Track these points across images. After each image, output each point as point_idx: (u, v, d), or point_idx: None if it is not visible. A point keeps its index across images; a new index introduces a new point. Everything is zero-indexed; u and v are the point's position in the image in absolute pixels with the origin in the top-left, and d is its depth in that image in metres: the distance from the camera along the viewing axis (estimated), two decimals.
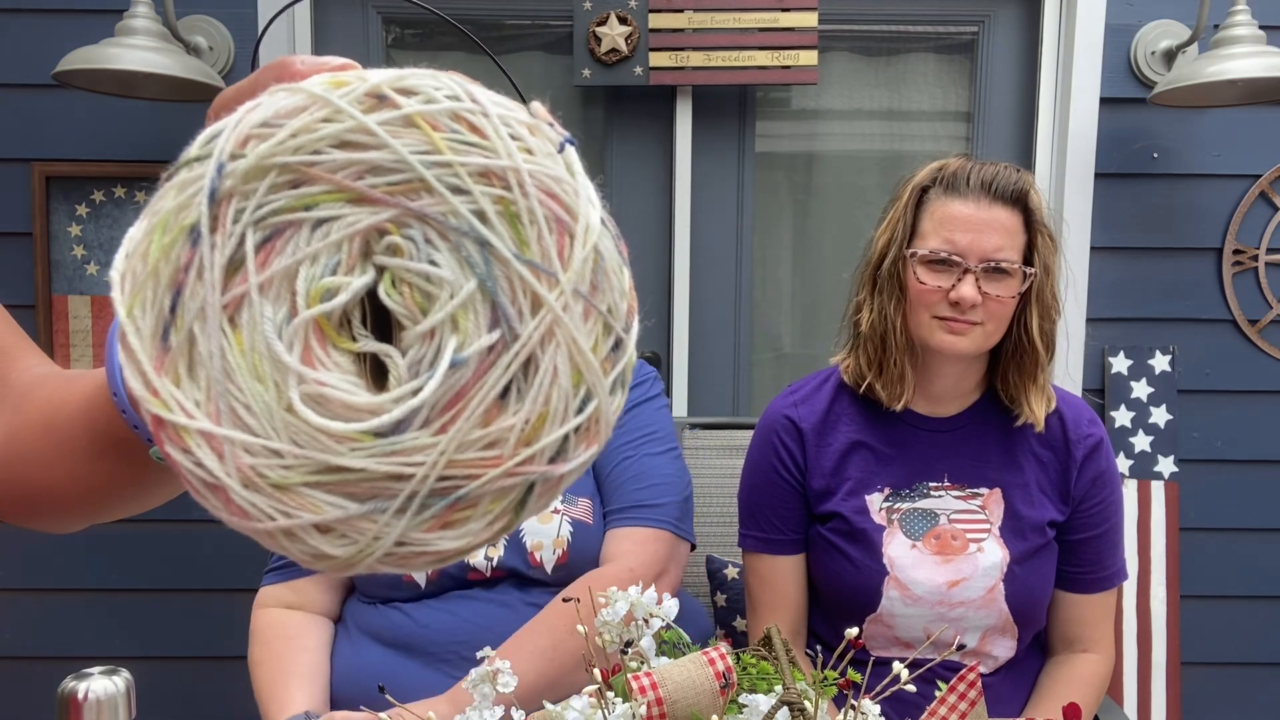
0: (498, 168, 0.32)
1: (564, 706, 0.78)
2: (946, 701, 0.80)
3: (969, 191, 1.15)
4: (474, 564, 1.25)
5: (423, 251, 0.31)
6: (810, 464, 1.25)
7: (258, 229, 0.31)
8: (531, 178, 0.32)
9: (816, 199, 2.19)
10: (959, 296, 1.13)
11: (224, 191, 0.32)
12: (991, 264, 1.13)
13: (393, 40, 2.13)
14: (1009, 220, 1.15)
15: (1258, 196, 2.05)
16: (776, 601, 1.28)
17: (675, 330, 2.10)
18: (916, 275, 1.16)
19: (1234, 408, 2.09)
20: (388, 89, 0.32)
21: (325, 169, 0.31)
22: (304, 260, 0.31)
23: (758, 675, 0.83)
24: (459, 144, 0.32)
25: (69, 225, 2.00)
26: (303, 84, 0.32)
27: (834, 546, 1.22)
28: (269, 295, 0.31)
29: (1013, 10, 2.11)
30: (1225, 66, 1.76)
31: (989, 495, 1.22)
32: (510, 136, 0.33)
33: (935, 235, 1.16)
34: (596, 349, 0.32)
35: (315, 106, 0.32)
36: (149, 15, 1.76)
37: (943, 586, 1.18)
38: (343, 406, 0.31)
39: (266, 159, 0.31)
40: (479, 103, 0.33)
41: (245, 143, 0.32)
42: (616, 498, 1.29)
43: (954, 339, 1.16)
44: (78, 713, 0.95)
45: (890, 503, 1.22)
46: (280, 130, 0.31)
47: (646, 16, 1.97)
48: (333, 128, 0.31)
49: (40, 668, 2.08)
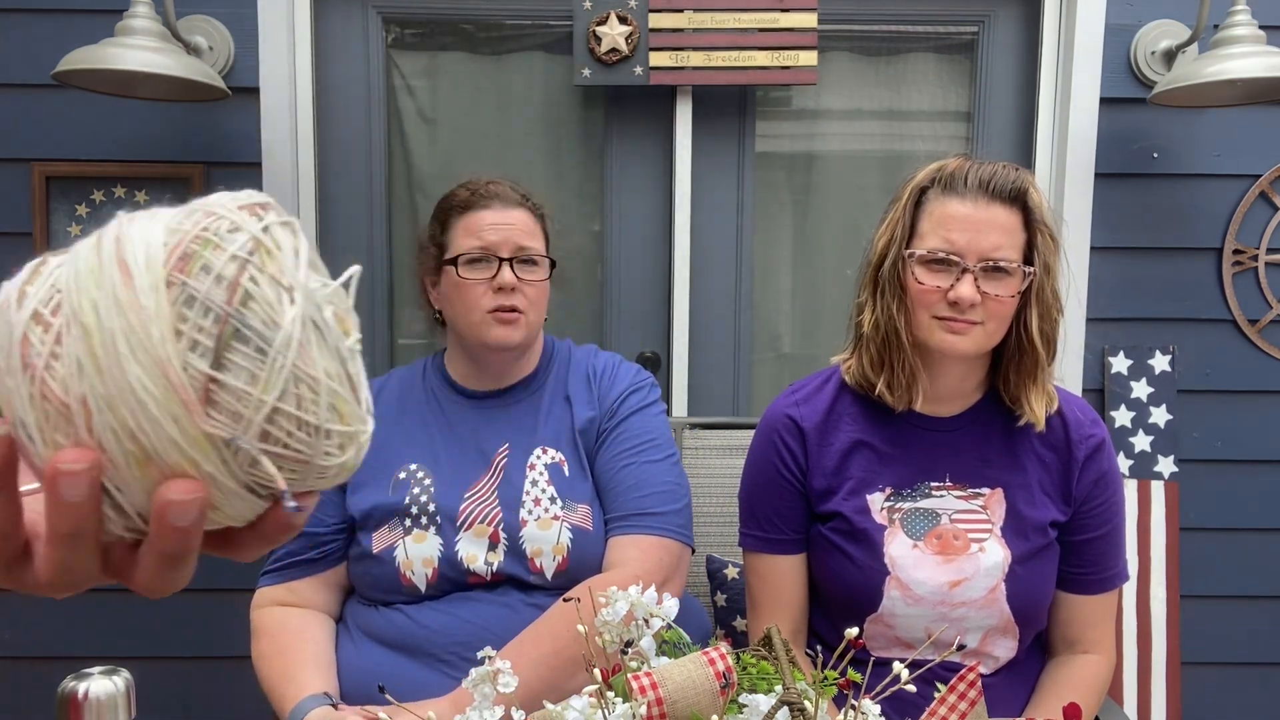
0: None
1: (564, 706, 0.78)
2: (946, 701, 0.80)
3: (966, 191, 1.15)
4: (474, 569, 1.24)
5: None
6: (812, 463, 1.25)
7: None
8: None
9: (816, 199, 2.19)
10: (957, 296, 1.13)
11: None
12: (990, 263, 1.13)
13: (393, 40, 2.13)
14: (1007, 219, 1.14)
15: (1258, 196, 2.05)
16: (776, 601, 1.28)
17: (675, 330, 2.10)
18: (915, 275, 1.16)
19: (1234, 408, 2.09)
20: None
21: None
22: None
23: (758, 675, 0.83)
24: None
25: (69, 225, 2.00)
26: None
27: (835, 546, 1.22)
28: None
29: (1013, 10, 2.11)
30: (1225, 66, 1.76)
31: (990, 495, 1.22)
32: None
33: (933, 235, 1.16)
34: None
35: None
36: (149, 15, 1.76)
37: (944, 586, 1.18)
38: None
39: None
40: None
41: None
42: (618, 505, 1.29)
43: (954, 339, 1.15)
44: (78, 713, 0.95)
45: (891, 502, 1.22)
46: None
47: (646, 16, 1.97)
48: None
49: (40, 668, 2.08)
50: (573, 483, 1.30)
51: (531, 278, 1.31)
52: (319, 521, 1.29)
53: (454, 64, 2.14)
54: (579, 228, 2.15)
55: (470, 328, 1.30)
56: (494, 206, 1.31)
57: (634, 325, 2.15)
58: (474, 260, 1.29)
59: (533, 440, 1.32)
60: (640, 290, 2.14)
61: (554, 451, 1.31)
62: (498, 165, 2.09)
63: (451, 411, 1.35)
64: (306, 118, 2.05)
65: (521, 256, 1.30)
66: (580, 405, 1.34)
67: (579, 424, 1.32)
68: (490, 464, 1.30)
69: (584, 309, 2.15)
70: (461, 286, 1.29)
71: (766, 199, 2.17)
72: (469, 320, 1.30)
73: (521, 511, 1.26)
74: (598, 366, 1.39)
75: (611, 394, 1.35)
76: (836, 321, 2.20)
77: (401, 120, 2.14)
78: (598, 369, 1.38)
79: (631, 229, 2.14)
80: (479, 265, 1.29)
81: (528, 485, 1.28)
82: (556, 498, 1.27)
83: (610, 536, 1.28)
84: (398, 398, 1.37)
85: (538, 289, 1.32)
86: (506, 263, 1.29)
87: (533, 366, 1.39)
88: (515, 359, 1.36)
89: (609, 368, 1.39)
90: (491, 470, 1.30)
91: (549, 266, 1.34)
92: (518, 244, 1.30)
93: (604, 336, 2.15)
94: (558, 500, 1.27)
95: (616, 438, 1.33)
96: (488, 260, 1.29)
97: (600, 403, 1.35)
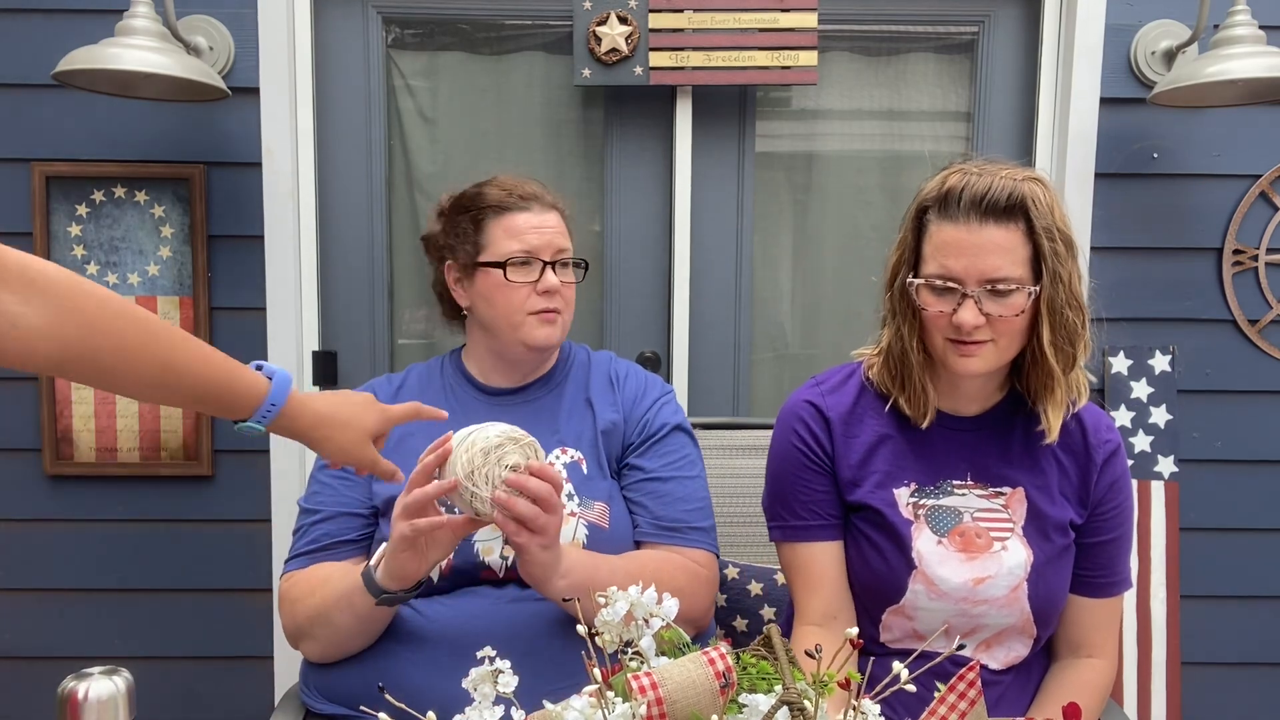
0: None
1: (564, 706, 0.78)
2: (946, 701, 0.80)
3: (959, 213, 1.12)
4: (489, 562, 1.25)
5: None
6: (838, 451, 1.25)
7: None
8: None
9: (816, 199, 2.19)
10: (959, 321, 1.12)
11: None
12: (990, 285, 1.11)
13: (393, 40, 2.13)
14: (1004, 237, 1.11)
15: (1258, 196, 2.05)
16: (811, 583, 1.24)
17: (675, 330, 2.10)
18: (920, 300, 1.16)
19: (1234, 408, 2.09)
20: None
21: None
22: None
23: (758, 675, 0.83)
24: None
25: (69, 225, 2.00)
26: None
27: (864, 536, 1.23)
28: None
29: (1013, 10, 2.11)
30: (1225, 66, 1.76)
31: (1011, 495, 1.22)
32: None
33: (933, 260, 1.14)
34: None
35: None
36: (149, 15, 1.76)
37: (968, 584, 1.18)
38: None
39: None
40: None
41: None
42: (663, 512, 1.33)
43: (966, 361, 1.15)
44: (77, 713, 0.95)
45: (916, 498, 1.22)
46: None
47: (646, 16, 1.97)
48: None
49: (40, 668, 2.08)
50: (590, 481, 1.32)
51: (568, 279, 1.37)
52: (357, 503, 1.31)
53: (454, 64, 2.13)
54: (579, 228, 2.14)
55: (512, 329, 1.34)
56: (533, 209, 1.35)
57: (634, 325, 2.15)
58: (520, 263, 1.32)
59: (552, 440, 1.34)
60: (640, 290, 2.14)
61: (574, 451, 1.34)
62: (498, 165, 2.09)
63: (470, 408, 1.37)
64: (306, 118, 2.05)
65: (562, 259, 1.35)
66: (604, 408, 1.37)
67: (602, 425, 1.35)
68: None
69: (584, 309, 2.15)
70: (506, 289, 1.33)
71: (766, 199, 2.17)
72: (511, 321, 1.33)
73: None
74: (619, 371, 1.43)
75: (645, 402, 1.39)
76: (836, 321, 2.20)
77: (401, 120, 2.14)
78: (620, 374, 1.42)
79: (631, 229, 2.14)
80: (524, 268, 1.32)
81: None
82: (574, 494, 1.29)
83: (656, 541, 1.31)
84: (418, 394, 1.39)
85: (572, 290, 1.38)
86: (550, 265, 1.33)
87: (549, 366, 1.42)
88: (546, 358, 1.40)
89: (633, 373, 1.43)
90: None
91: (583, 268, 1.40)
92: (558, 246, 1.35)
93: (604, 336, 2.15)
94: (575, 497, 1.29)
95: (662, 447, 1.37)
96: (531, 263, 1.32)
97: (627, 407, 1.38)
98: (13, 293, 0.75)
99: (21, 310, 0.76)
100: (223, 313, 2.03)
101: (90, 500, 2.06)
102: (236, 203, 2.01)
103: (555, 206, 1.38)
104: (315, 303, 2.09)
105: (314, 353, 2.09)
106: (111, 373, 0.82)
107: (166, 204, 2.00)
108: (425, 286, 2.25)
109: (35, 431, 2.03)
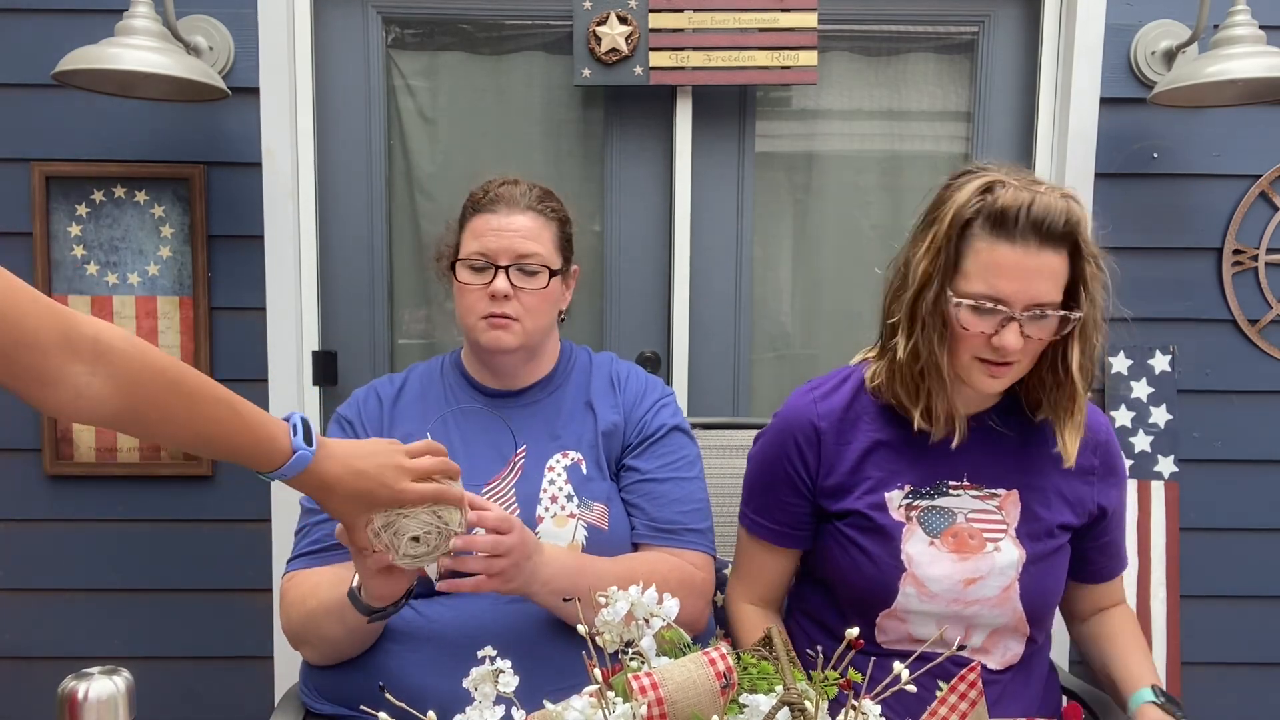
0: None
1: (565, 706, 0.78)
2: (947, 701, 0.80)
3: (1018, 234, 1.08)
4: None
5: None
6: (825, 465, 1.25)
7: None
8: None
9: (816, 199, 2.19)
10: (1002, 344, 1.09)
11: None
12: (1036, 311, 1.10)
13: (392, 40, 2.13)
14: (1057, 264, 1.10)
15: (1258, 196, 2.05)
16: (755, 575, 1.34)
17: (675, 330, 2.10)
18: (959, 319, 1.12)
19: (1234, 408, 2.09)
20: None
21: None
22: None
23: (758, 675, 0.83)
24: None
25: (69, 225, 2.00)
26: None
27: (851, 542, 1.22)
28: None
29: (1013, 10, 2.11)
30: (1225, 66, 1.76)
31: (1006, 496, 1.23)
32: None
33: (980, 279, 1.10)
34: None
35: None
36: (149, 15, 1.76)
37: (959, 584, 1.18)
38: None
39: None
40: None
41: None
42: (658, 513, 1.32)
43: (992, 380, 1.14)
44: (77, 713, 0.95)
45: (910, 500, 1.22)
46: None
47: (646, 16, 1.97)
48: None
49: (40, 668, 2.08)
50: (590, 482, 1.32)
51: (528, 286, 1.31)
52: None
53: (454, 64, 2.13)
54: (579, 228, 2.14)
55: (468, 330, 1.34)
56: (499, 211, 1.32)
57: (634, 325, 2.15)
58: (473, 266, 1.31)
59: (552, 445, 1.34)
60: (640, 290, 2.14)
61: (574, 454, 1.33)
62: (497, 165, 2.09)
63: (469, 409, 1.36)
64: (306, 118, 2.05)
65: (521, 264, 1.31)
66: (605, 410, 1.36)
67: (603, 427, 1.35)
68: (508, 462, 1.32)
69: (584, 309, 2.15)
70: (461, 290, 1.33)
71: (766, 199, 2.17)
72: (467, 322, 1.34)
73: (539, 508, 1.28)
74: (620, 373, 1.42)
75: (645, 403, 1.38)
76: (836, 321, 2.20)
77: (401, 120, 2.14)
78: (620, 375, 1.42)
79: (631, 229, 2.14)
80: (478, 271, 1.31)
81: (545, 484, 1.30)
82: (573, 495, 1.29)
83: (653, 543, 1.31)
84: (420, 394, 1.39)
85: (535, 296, 1.32)
86: (503, 270, 1.30)
87: (548, 369, 1.41)
88: (522, 361, 1.37)
89: (634, 375, 1.43)
90: (510, 467, 1.32)
91: (549, 275, 1.33)
92: (517, 251, 1.30)
93: (604, 336, 2.15)
94: (574, 498, 1.29)
95: (662, 447, 1.36)
96: (486, 267, 1.31)
97: (627, 408, 1.38)
98: (84, 364, 0.80)
99: (89, 381, 0.80)
100: (223, 313, 2.03)
101: (90, 500, 2.06)
102: (236, 203, 2.01)
103: (534, 208, 1.33)
104: (315, 303, 2.09)
105: (314, 353, 2.09)
106: (151, 434, 0.90)
107: (166, 204, 2.00)
108: (425, 286, 2.26)
109: (35, 431, 2.03)
